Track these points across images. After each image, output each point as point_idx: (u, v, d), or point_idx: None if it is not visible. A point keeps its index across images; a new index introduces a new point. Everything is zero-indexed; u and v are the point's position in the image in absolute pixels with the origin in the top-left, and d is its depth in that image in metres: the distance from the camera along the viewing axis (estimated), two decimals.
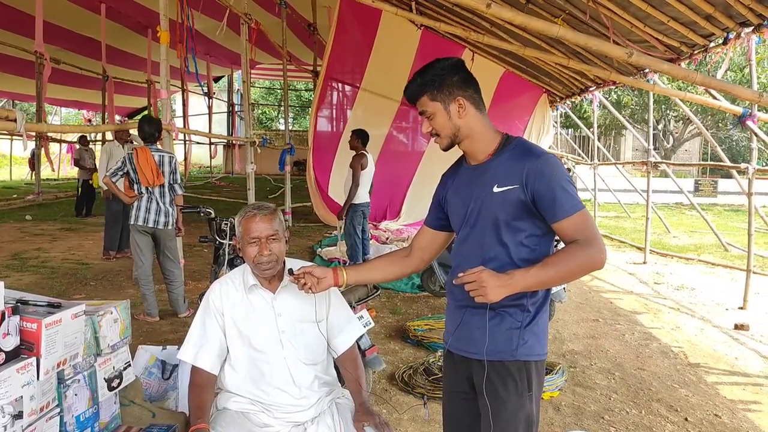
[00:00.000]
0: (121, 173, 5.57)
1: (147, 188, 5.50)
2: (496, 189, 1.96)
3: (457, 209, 2.11)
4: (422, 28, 10.64)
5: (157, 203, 5.56)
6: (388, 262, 2.31)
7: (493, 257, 1.97)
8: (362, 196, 7.57)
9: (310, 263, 2.32)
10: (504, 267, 1.91)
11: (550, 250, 2.01)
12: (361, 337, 2.72)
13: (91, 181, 12.91)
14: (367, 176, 7.57)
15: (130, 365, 2.46)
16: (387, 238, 9.93)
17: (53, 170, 15.56)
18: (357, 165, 7.45)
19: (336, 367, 2.57)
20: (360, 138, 7.58)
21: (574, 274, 1.88)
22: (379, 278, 2.37)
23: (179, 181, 5.75)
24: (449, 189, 2.17)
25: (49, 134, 15.02)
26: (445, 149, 2.09)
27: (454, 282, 1.91)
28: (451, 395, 2.22)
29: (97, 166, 9.03)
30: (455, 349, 2.13)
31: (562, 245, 1.95)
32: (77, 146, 14.03)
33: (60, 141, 19.29)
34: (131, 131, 8.49)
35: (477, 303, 1.84)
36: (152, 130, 5.66)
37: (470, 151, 2.07)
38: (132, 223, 5.56)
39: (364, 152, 7.59)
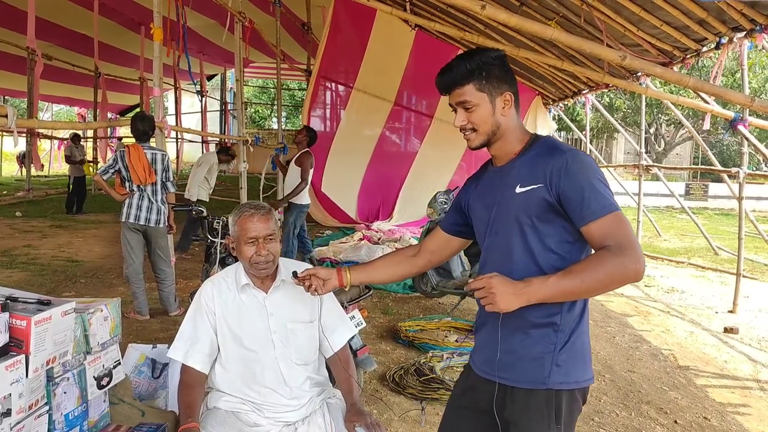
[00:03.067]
0: (112, 171, 5.54)
1: (139, 186, 5.48)
2: (518, 189, 1.79)
3: (481, 215, 1.94)
4: (416, 28, 10.66)
5: (149, 200, 5.53)
6: (395, 261, 2.20)
7: (520, 266, 1.78)
8: (307, 197, 7.52)
9: (304, 263, 2.31)
10: (533, 276, 1.71)
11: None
12: (352, 337, 2.71)
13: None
14: (311, 176, 7.47)
15: (119, 363, 2.44)
16: (379, 239, 9.94)
17: (38, 169, 15.45)
18: (307, 163, 7.28)
19: (327, 367, 2.57)
20: (309, 136, 7.44)
21: (603, 285, 1.64)
22: (385, 278, 2.24)
23: (171, 179, 5.72)
24: (472, 194, 2.01)
25: (40, 130, 14.90)
26: (476, 148, 1.90)
27: (465, 289, 1.80)
28: (458, 410, 2.04)
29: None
30: (475, 367, 1.97)
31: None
32: (69, 143, 13.99)
33: (51, 137, 19.19)
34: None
35: (507, 320, 1.69)
36: (145, 128, 5.60)
37: (499, 153, 1.91)
38: (123, 220, 5.52)
39: (309, 151, 7.44)
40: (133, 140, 5.75)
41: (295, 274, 2.17)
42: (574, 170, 1.71)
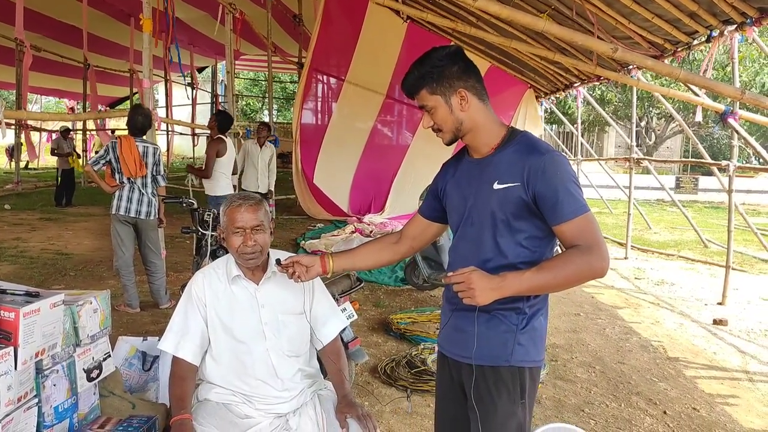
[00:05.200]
0: (103, 161, 5.50)
1: (129, 178, 5.45)
2: (496, 186, 1.85)
3: (456, 204, 2.00)
4: (408, 21, 10.64)
5: (140, 192, 5.50)
6: (377, 248, 2.24)
7: (491, 258, 1.87)
8: (225, 187, 6.96)
9: (295, 254, 2.30)
10: (502, 269, 1.82)
11: (551, 252, 1.91)
12: (344, 329, 2.71)
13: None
14: (226, 164, 6.97)
15: (109, 356, 2.44)
16: (371, 231, 9.94)
17: (32, 160, 15.33)
18: (211, 151, 6.80)
19: (318, 359, 2.57)
20: (218, 121, 6.99)
21: (571, 281, 1.77)
22: (368, 265, 2.29)
23: (162, 173, 5.70)
24: (449, 181, 2.05)
25: (30, 122, 14.80)
26: (449, 144, 1.97)
27: (443, 281, 1.82)
28: (442, 398, 2.15)
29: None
30: (447, 351, 2.06)
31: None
32: (53, 135, 13.91)
33: (40, 129, 19.05)
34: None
35: (468, 305, 1.76)
36: (144, 124, 5.60)
37: (473, 144, 1.95)
38: (113, 212, 5.49)
39: (222, 138, 6.94)
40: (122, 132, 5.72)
41: (278, 261, 2.17)
42: (551, 172, 1.79)
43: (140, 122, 5.57)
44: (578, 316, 6.21)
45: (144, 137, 5.64)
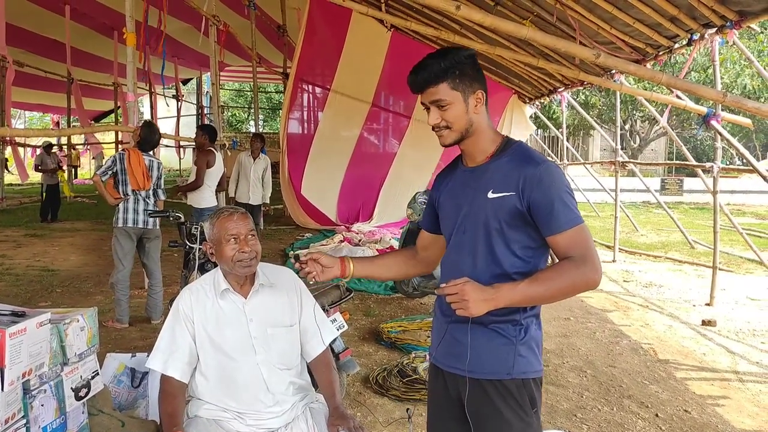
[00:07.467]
0: (110, 173, 5.49)
1: (134, 191, 5.47)
2: (490, 195, 1.84)
3: (450, 213, 1.99)
4: (392, 30, 10.67)
5: (145, 203, 5.56)
6: (397, 261, 2.22)
7: (485, 268, 1.86)
8: (209, 199, 7.07)
9: (315, 251, 2.28)
10: (496, 279, 1.80)
11: (544, 263, 1.90)
12: (334, 340, 2.70)
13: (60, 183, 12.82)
14: (214, 176, 7.11)
15: (98, 374, 2.40)
16: (360, 240, 9.92)
17: (23, 180, 15.13)
18: (201, 162, 6.97)
19: (309, 371, 2.55)
20: (207, 134, 7.13)
21: (564, 292, 1.76)
22: (387, 276, 2.26)
23: (163, 187, 5.81)
24: (443, 191, 2.04)
25: (16, 139, 14.66)
26: (449, 145, 1.93)
27: (436, 292, 1.80)
28: (436, 412, 2.09)
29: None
30: (441, 365, 2.01)
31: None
32: (38, 151, 13.80)
33: (24, 145, 18.88)
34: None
35: (463, 316, 1.74)
36: (156, 141, 5.87)
37: (471, 151, 1.94)
38: (120, 225, 5.48)
39: (212, 149, 7.13)
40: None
41: (297, 257, 2.10)
42: (546, 183, 1.79)
43: (156, 140, 5.83)
44: (568, 320, 6.23)
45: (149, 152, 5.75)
